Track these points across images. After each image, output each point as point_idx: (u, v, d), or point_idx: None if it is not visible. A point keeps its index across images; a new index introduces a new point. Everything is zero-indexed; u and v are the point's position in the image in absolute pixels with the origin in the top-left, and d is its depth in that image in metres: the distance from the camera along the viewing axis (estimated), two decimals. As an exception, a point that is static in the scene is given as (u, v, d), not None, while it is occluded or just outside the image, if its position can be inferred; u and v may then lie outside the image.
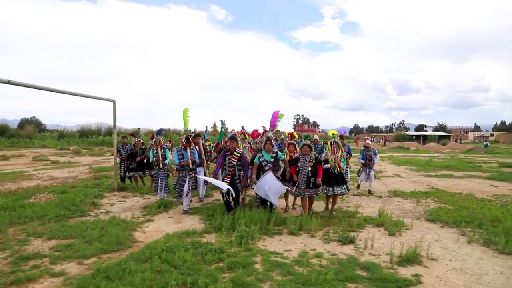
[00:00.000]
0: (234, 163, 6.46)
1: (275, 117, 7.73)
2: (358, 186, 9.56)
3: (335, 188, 6.69)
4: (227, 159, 6.53)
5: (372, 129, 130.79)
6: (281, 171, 6.76)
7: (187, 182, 6.71)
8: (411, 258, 4.11)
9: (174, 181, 7.15)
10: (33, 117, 64.88)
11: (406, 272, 3.82)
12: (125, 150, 9.49)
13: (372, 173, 9.25)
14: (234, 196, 6.18)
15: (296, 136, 9.91)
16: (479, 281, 3.62)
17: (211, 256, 4.06)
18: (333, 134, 8.16)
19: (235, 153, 6.46)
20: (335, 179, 6.72)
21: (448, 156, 26.86)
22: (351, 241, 4.83)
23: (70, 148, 33.39)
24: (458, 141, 58.06)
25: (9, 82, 5.89)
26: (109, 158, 21.78)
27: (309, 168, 6.35)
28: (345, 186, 6.85)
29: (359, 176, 9.49)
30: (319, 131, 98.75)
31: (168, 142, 10.00)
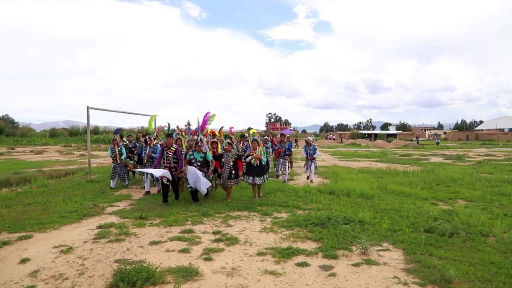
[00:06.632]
0: (170, 156, 7.30)
1: (205, 120, 8.56)
2: (308, 177, 11.23)
3: (256, 178, 7.69)
4: (165, 153, 7.35)
5: (341, 127, 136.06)
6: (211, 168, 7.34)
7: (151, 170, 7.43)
8: (291, 179, 11.63)
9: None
10: (6, 115, 61.69)
11: (290, 183, 11.14)
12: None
13: (313, 166, 11.01)
14: (170, 179, 7.11)
15: (217, 134, 10.44)
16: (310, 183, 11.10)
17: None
18: (253, 133, 10.25)
19: (171, 148, 7.33)
20: (256, 171, 7.70)
21: (379, 150, 34.77)
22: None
23: (73, 145, 37.86)
24: (416, 139, 62.02)
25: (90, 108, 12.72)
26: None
27: (231, 163, 7.38)
28: (264, 177, 7.89)
29: (304, 168, 11.47)
30: (291, 129, 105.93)
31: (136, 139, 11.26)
